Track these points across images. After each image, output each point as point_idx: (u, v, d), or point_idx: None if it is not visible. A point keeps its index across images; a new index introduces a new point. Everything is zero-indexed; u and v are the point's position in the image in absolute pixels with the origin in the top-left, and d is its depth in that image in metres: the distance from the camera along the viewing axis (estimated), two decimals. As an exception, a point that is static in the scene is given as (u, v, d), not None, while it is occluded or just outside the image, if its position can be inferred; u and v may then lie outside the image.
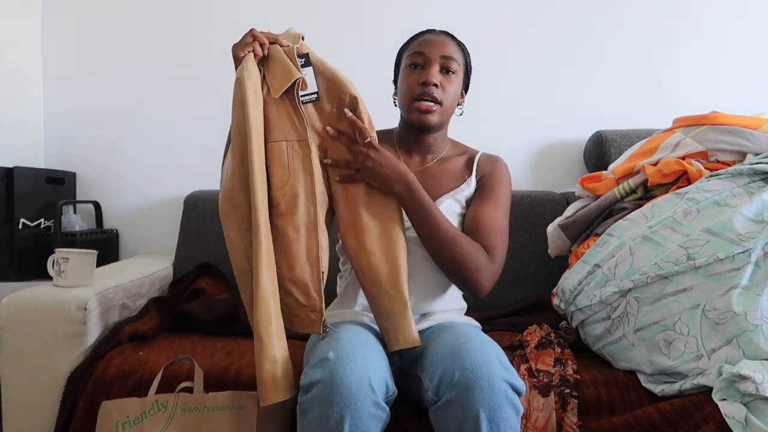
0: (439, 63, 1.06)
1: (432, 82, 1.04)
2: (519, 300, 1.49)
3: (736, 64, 1.78)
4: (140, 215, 1.82)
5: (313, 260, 0.94)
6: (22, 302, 1.11)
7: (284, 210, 0.94)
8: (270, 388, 0.86)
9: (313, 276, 0.93)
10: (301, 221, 0.93)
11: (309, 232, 0.94)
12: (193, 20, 1.81)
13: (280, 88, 0.94)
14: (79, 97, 1.82)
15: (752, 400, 0.81)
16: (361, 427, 0.77)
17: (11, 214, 1.53)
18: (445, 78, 1.06)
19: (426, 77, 1.04)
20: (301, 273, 0.93)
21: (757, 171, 1.07)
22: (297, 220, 0.93)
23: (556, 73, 1.79)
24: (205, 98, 1.80)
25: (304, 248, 0.93)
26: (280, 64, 0.95)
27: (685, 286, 0.97)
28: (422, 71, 1.06)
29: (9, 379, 1.11)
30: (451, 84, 1.07)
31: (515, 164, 1.78)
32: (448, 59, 1.06)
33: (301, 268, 0.93)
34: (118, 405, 0.97)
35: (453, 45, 1.09)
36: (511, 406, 0.79)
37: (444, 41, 1.09)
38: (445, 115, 1.09)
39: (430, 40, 1.09)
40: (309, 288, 0.93)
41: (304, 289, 0.93)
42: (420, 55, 1.07)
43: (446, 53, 1.06)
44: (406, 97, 1.08)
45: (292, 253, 0.93)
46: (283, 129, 0.95)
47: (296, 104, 0.95)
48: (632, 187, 1.27)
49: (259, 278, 0.87)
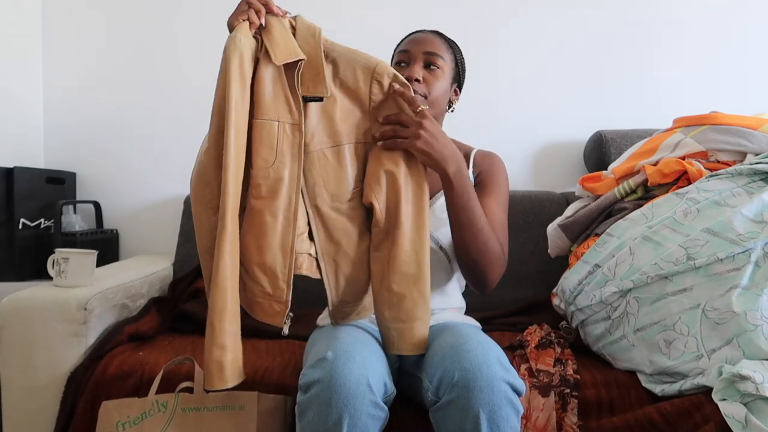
0: (423, 59, 1.07)
1: (414, 77, 1.04)
2: (519, 300, 1.49)
3: (735, 64, 1.78)
4: (140, 215, 1.82)
5: (286, 249, 0.89)
6: (22, 302, 1.11)
7: (264, 193, 0.88)
8: (215, 375, 0.84)
9: (285, 266, 0.89)
10: (281, 207, 0.88)
11: (287, 220, 0.89)
12: (193, 20, 1.81)
13: (283, 57, 0.87)
14: (79, 97, 1.82)
15: (752, 400, 0.81)
16: (360, 427, 0.77)
17: (11, 214, 1.53)
18: (429, 73, 1.07)
19: (408, 73, 1.05)
20: (272, 261, 0.88)
21: (757, 171, 1.07)
22: (276, 205, 0.88)
23: (557, 73, 1.79)
24: (206, 98, 1.80)
25: (279, 235, 0.88)
26: (283, 35, 0.89)
27: (685, 286, 0.97)
28: (405, 68, 1.07)
29: (9, 379, 1.11)
30: (436, 79, 1.07)
31: (515, 164, 1.78)
32: (432, 55, 1.07)
33: (272, 256, 0.88)
34: (118, 405, 0.97)
35: (439, 42, 1.10)
36: (511, 407, 0.79)
37: (429, 39, 1.10)
38: (432, 109, 1.07)
39: (415, 38, 1.11)
40: (278, 278, 0.89)
41: (272, 278, 0.89)
42: (405, 53, 1.09)
43: (430, 49, 1.08)
44: None
45: (266, 238, 0.88)
46: (276, 109, 0.88)
47: (295, 86, 0.89)
48: (632, 187, 1.27)
49: (219, 264, 0.83)
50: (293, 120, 0.89)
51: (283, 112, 0.89)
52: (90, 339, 1.13)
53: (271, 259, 0.88)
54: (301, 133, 0.89)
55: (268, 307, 0.91)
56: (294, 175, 0.89)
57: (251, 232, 0.89)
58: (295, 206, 0.89)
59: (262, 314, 0.92)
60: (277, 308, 0.91)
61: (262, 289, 0.90)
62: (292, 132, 0.89)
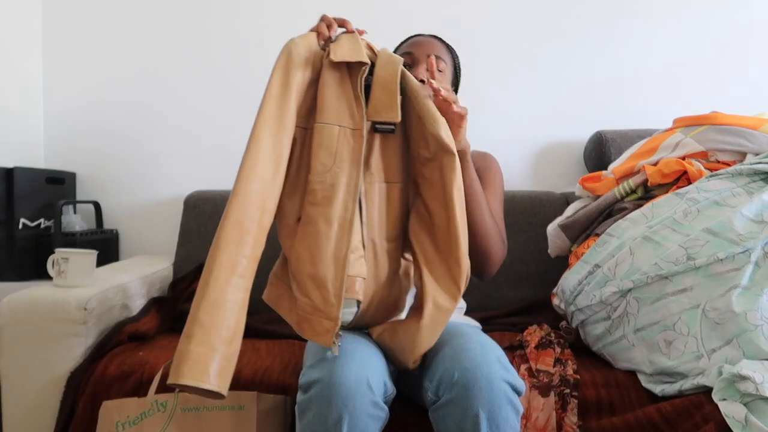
0: (427, 61, 1.07)
1: (419, 79, 1.06)
2: (519, 300, 1.49)
3: (736, 64, 1.78)
4: (140, 215, 1.82)
5: (339, 261, 0.83)
6: (22, 302, 1.11)
7: (320, 199, 0.85)
8: (173, 366, 0.77)
9: (336, 279, 0.83)
10: (336, 215, 0.84)
11: (342, 228, 0.84)
12: (194, 20, 1.81)
13: (342, 56, 0.86)
14: (79, 96, 1.82)
15: (752, 400, 0.81)
16: (360, 426, 0.77)
17: (11, 214, 1.53)
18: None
19: (414, 75, 1.05)
20: (324, 272, 0.83)
21: (757, 171, 1.07)
22: (331, 212, 0.84)
23: (557, 72, 1.79)
24: (206, 98, 1.81)
25: (333, 245, 0.83)
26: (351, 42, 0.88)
27: (685, 286, 0.97)
28: (410, 70, 1.08)
29: (9, 379, 1.11)
30: (439, 81, 1.08)
31: (515, 164, 1.79)
32: (436, 58, 1.09)
33: (324, 267, 0.83)
34: (118, 405, 0.97)
35: (440, 45, 1.13)
36: (510, 406, 0.79)
37: (431, 42, 1.13)
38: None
39: (417, 41, 1.13)
40: (329, 291, 0.83)
41: (323, 291, 0.83)
42: (408, 56, 1.11)
43: (433, 52, 1.10)
44: None
45: (319, 248, 0.83)
46: (338, 113, 0.87)
47: (359, 92, 0.87)
48: (632, 187, 1.27)
49: (210, 279, 0.79)
50: (355, 125, 0.87)
51: (344, 117, 0.87)
52: (90, 339, 1.13)
53: (324, 270, 0.83)
54: (362, 138, 0.86)
55: (318, 324, 0.83)
56: (352, 182, 0.86)
57: (304, 242, 0.85)
58: (351, 215, 0.85)
59: (311, 332, 0.84)
60: (327, 325, 0.82)
61: (311, 304, 0.84)
62: (353, 137, 0.87)
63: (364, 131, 0.87)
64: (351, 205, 0.85)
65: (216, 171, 1.79)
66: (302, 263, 0.85)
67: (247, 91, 1.79)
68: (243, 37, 1.79)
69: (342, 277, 0.83)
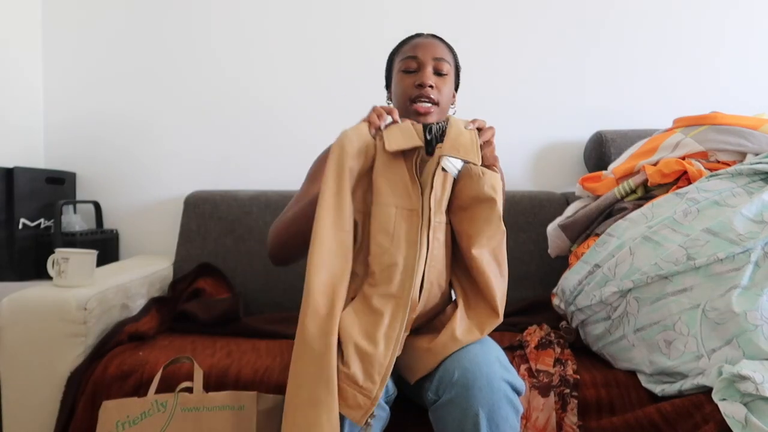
0: (432, 65, 1.07)
1: (428, 83, 1.05)
2: (519, 300, 1.49)
3: (735, 64, 1.78)
4: (140, 215, 1.82)
5: (390, 340, 0.81)
6: (22, 302, 1.11)
7: (378, 279, 0.86)
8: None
9: (384, 357, 0.79)
10: (391, 293, 0.84)
11: (397, 306, 0.83)
12: (193, 20, 1.81)
13: (396, 145, 0.88)
14: (79, 97, 1.82)
15: (752, 400, 0.81)
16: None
17: (11, 214, 1.53)
18: (439, 79, 1.08)
19: (422, 79, 1.05)
20: (373, 348, 0.80)
21: (757, 171, 1.07)
22: (387, 291, 0.85)
23: (557, 72, 1.79)
24: (205, 98, 1.81)
25: (386, 323, 0.82)
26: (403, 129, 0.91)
27: (685, 286, 0.97)
28: (417, 74, 1.07)
29: (9, 379, 1.11)
30: (445, 85, 1.08)
31: (515, 164, 1.79)
32: (441, 61, 1.08)
33: (375, 343, 0.80)
34: (118, 405, 0.97)
35: (443, 47, 1.11)
36: (510, 406, 0.79)
37: (434, 44, 1.10)
38: (441, 115, 1.10)
39: (421, 44, 1.10)
40: (374, 368, 0.79)
41: (367, 367, 0.79)
42: (413, 59, 1.08)
43: (438, 55, 1.08)
44: (402, 99, 1.09)
45: (373, 324, 0.82)
46: (395, 195, 0.88)
47: (414, 173, 0.89)
48: (632, 187, 1.27)
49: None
50: (411, 206, 0.88)
51: (400, 198, 0.88)
52: (90, 339, 1.13)
53: (373, 347, 0.80)
54: (419, 218, 0.87)
55: (351, 396, 0.78)
56: (409, 261, 0.85)
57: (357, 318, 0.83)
58: (407, 293, 0.84)
59: (341, 401, 0.78)
60: (361, 402, 0.78)
61: (350, 375, 0.79)
62: (409, 217, 0.88)
63: (421, 211, 0.87)
64: (408, 284, 0.84)
65: (216, 171, 1.79)
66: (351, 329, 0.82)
67: (248, 91, 1.80)
68: (244, 37, 1.79)
69: (392, 356, 0.80)
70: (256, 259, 1.57)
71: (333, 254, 0.85)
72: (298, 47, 1.78)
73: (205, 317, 1.33)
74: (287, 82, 1.78)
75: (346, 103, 1.75)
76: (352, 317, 0.83)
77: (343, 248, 0.86)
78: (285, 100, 1.79)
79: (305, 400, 0.77)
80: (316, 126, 1.77)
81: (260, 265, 1.57)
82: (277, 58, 1.78)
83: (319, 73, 1.79)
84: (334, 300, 0.82)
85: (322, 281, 0.82)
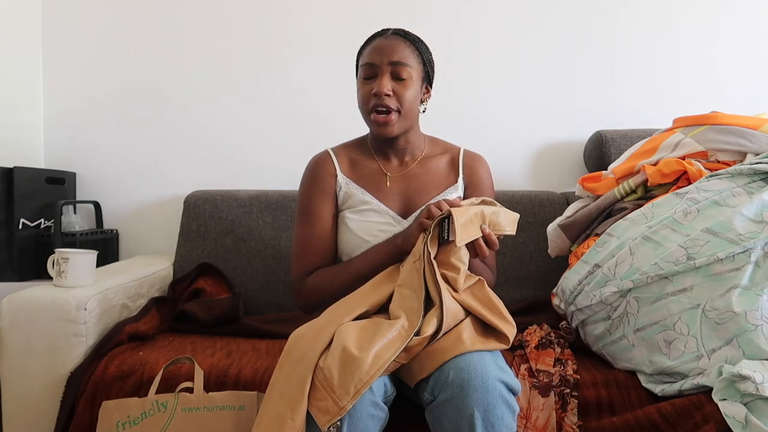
0: (390, 70, 1.05)
1: (383, 93, 1.04)
2: (519, 300, 1.49)
3: (736, 64, 1.78)
4: (140, 215, 1.82)
5: (381, 362, 0.80)
6: (22, 302, 1.11)
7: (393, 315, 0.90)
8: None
9: (367, 374, 0.79)
10: (396, 323, 0.86)
11: (397, 336, 0.84)
12: (193, 20, 1.81)
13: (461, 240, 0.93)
14: (79, 97, 1.82)
15: (752, 400, 0.81)
16: (360, 427, 0.78)
17: (11, 214, 1.53)
18: (398, 84, 1.06)
19: (377, 88, 1.04)
20: (361, 362, 0.79)
21: (757, 171, 1.07)
22: (396, 322, 0.87)
23: (557, 73, 1.79)
24: (205, 98, 1.81)
25: (383, 342, 0.82)
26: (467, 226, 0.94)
27: (685, 286, 0.97)
28: (373, 81, 1.06)
29: (9, 379, 1.11)
30: (406, 89, 1.06)
31: (515, 164, 1.79)
32: (398, 65, 1.05)
33: (366, 353, 0.80)
34: (118, 405, 0.97)
35: (403, 47, 1.07)
36: (506, 406, 0.79)
37: (393, 46, 1.06)
38: (405, 120, 1.09)
39: (378, 47, 1.07)
40: (352, 379, 0.78)
41: (347, 375, 0.78)
42: (370, 67, 1.07)
43: (395, 59, 1.05)
44: (362, 109, 1.10)
45: (367, 339, 0.83)
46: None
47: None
48: (632, 187, 1.27)
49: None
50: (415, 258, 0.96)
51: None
52: (90, 339, 1.13)
53: (361, 359, 0.79)
54: (421, 263, 0.93)
55: (322, 398, 0.78)
56: (415, 305, 0.90)
57: (359, 326, 0.86)
58: (406, 329, 0.86)
59: (313, 400, 0.79)
60: (330, 407, 0.77)
61: (327, 379, 0.79)
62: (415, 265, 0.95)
63: (423, 256, 0.93)
64: (408, 322, 0.87)
65: (216, 171, 1.79)
66: (348, 338, 0.82)
67: (248, 91, 1.80)
68: (245, 37, 1.79)
69: (374, 376, 0.79)
70: (256, 259, 1.57)
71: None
72: (297, 47, 1.78)
73: (205, 317, 1.33)
74: (288, 82, 1.78)
75: (346, 103, 1.75)
76: (353, 328, 0.85)
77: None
78: (285, 100, 1.79)
79: (276, 395, 0.81)
80: (317, 126, 1.78)
81: (260, 265, 1.57)
82: (278, 59, 1.78)
83: (319, 73, 1.79)
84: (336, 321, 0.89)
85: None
